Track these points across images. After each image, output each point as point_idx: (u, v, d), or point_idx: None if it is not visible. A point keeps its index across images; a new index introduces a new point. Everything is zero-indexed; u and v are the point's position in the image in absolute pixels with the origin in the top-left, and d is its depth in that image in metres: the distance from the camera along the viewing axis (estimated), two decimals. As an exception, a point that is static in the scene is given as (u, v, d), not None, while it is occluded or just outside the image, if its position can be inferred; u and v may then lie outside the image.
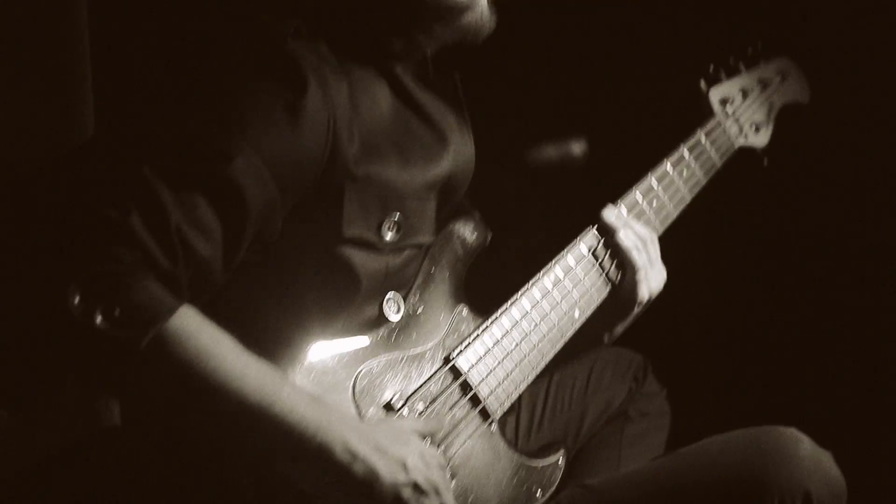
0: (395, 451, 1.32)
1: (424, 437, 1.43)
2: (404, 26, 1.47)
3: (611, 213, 1.71)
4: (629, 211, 1.75)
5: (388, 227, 1.44)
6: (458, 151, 1.54)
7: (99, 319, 1.16)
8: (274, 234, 1.36)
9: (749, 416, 1.68)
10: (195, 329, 1.22)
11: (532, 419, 1.61)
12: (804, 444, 1.52)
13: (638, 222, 1.73)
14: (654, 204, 1.80)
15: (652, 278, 1.71)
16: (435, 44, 1.51)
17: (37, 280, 1.19)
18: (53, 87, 1.45)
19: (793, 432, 1.54)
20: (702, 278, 1.80)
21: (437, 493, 1.35)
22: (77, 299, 1.16)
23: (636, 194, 1.78)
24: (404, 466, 1.32)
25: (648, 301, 1.72)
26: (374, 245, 1.43)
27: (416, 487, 1.33)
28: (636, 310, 1.72)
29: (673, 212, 1.85)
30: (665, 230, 1.82)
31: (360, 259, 1.43)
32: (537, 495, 1.59)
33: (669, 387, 1.99)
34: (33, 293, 1.19)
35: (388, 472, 1.30)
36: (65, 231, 1.22)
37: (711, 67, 2.03)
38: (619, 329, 1.75)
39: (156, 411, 1.31)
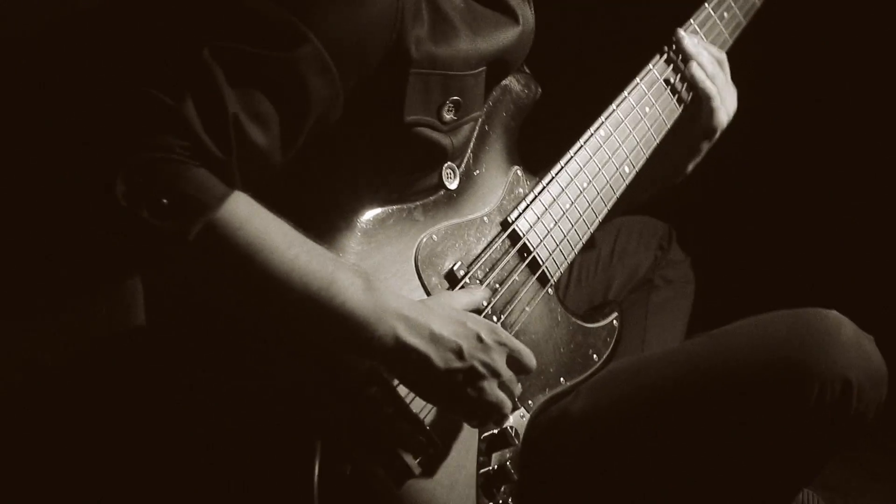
0: (450, 337, 1.26)
1: (484, 312, 1.39)
2: None
3: (686, 38, 1.66)
4: (701, 27, 1.71)
5: (447, 110, 1.36)
6: (523, 24, 1.45)
7: (146, 211, 1.09)
8: (334, 118, 1.27)
9: (775, 290, 1.64)
10: (246, 218, 1.15)
11: (557, 289, 1.56)
12: (846, 328, 1.46)
13: (709, 43, 1.69)
14: (727, 15, 1.75)
15: (728, 101, 1.67)
16: None
17: (81, 165, 1.10)
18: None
19: (835, 315, 1.47)
20: (732, 142, 1.71)
21: (497, 374, 1.30)
22: (123, 189, 1.08)
23: (708, 9, 1.73)
24: (460, 352, 1.27)
25: (726, 125, 1.68)
26: (433, 126, 1.35)
27: (473, 372, 1.28)
28: (715, 137, 1.68)
29: (743, 20, 1.80)
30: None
31: (418, 137, 1.35)
32: (594, 358, 1.56)
33: (694, 255, 1.96)
34: (78, 180, 1.10)
35: (441, 360, 1.25)
36: (113, 110, 1.12)
37: None
38: (692, 165, 1.71)
39: (184, 309, 1.26)
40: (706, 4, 1.73)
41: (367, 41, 1.25)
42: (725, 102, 1.66)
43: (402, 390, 1.31)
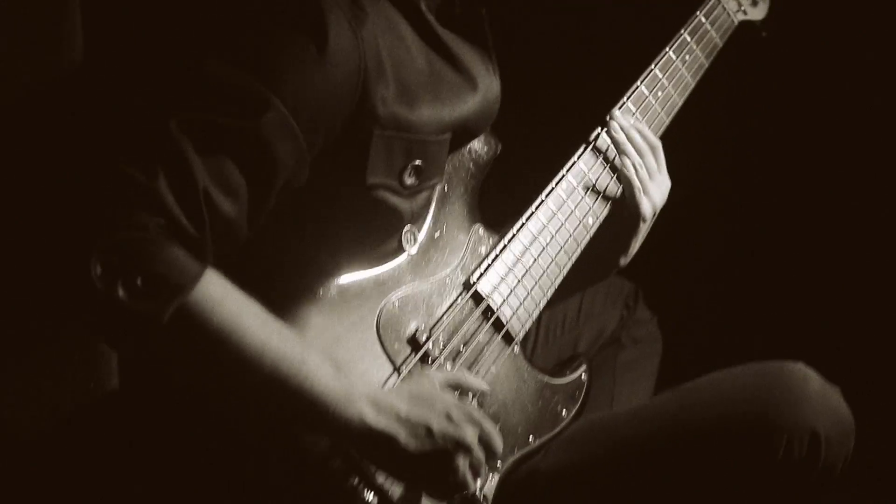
0: (418, 419, 1.25)
1: (451, 386, 1.37)
2: None
3: (615, 122, 1.61)
4: (637, 106, 1.67)
5: (409, 174, 1.35)
6: (486, 92, 1.44)
7: (121, 291, 1.08)
8: (298, 184, 1.27)
9: (742, 343, 1.64)
10: (219, 299, 1.15)
11: (524, 350, 1.55)
12: (812, 382, 1.46)
13: (642, 128, 1.63)
14: (660, 94, 1.72)
15: (653, 192, 1.61)
16: None
17: (56, 244, 1.10)
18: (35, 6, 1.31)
19: (801, 368, 1.47)
20: (694, 201, 1.71)
21: (467, 450, 1.29)
22: (99, 269, 1.07)
23: (641, 88, 1.69)
24: (429, 431, 1.26)
25: (654, 215, 1.63)
26: (394, 189, 1.35)
27: (443, 451, 1.27)
28: (642, 225, 1.62)
29: (678, 100, 1.76)
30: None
31: (380, 201, 1.35)
32: (563, 414, 1.55)
33: (660, 314, 1.97)
34: (53, 258, 1.10)
35: (411, 441, 1.24)
36: (86, 187, 1.12)
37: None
38: (634, 247, 1.65)
39: (156, 375, 1.26)
40: (639, 82, 1.69)
41: (331, 104, 1.24)
42: (650, 194, 1.60)
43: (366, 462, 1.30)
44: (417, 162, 1.36)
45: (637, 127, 1.64)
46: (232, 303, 1.16)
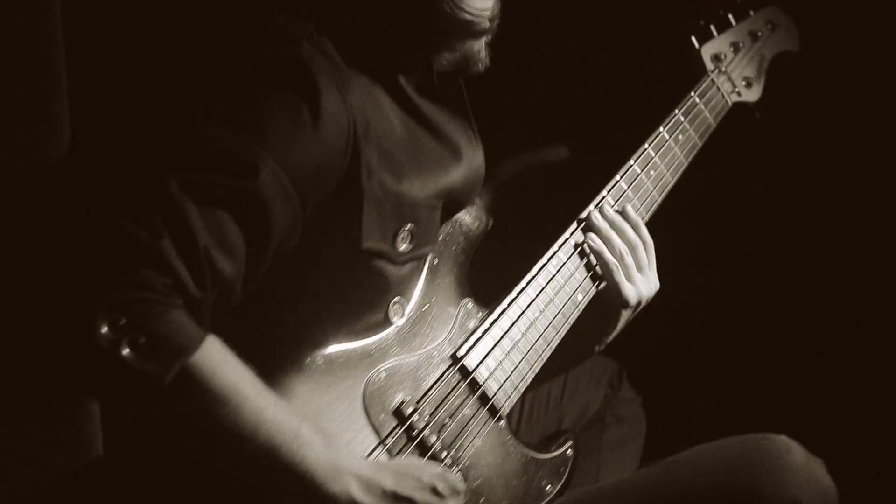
0: (404, 493, 1.28)
1: (433, 447, 1.40)
2: (421, 44, 1.39)
3: (595, 216, 1.62)
4: (629, 184, 1.69)
5: (403, 238, 1.38)
6: (469, 161, 1.47)
7: (125, 350, 1.11)
8: (290, 246, 1.30)
9: (726, 422, 1.64)
10: (219, 363, 1.18)
11: (510, 425, 1.56)
12: (795, 454, 1.47)
13: (629, 220, 1.64)
14: (653, 173, 1.74)
15: (639, 283, 1.61)
16: (443, 60, 1.43)
17: (62, 301, 1.13)
18: (23, 86, 1.34)
19: (783, 440, 1.49)
20: (677, 282, 1.72)
21: None
22: (105, 327, 1.10)
23: (634, 166, 1.72)
24: None
25: (638, 305, 1.63)
26: (388, 256, 1.37)
27: None
28: (623, 312, 1.64)
29: (671, 180, 1.78)
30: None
31: (372, 268, 1.37)
32: (548, 489, 1.55)
33: (644, 394, 1.98)
34: (59, 315, 1.13)
35: None
36: (90, 247, 1.15)
37: (702, 23, 1.95)
38: (613, 332, 1.67)
39: (141, 440, 1.28)
40: (632, 160, 1.71)
41: (324, 165, 1.28)
42: (636, 283, 1.61)
43: None
44: (409, 226, 1.38)
45: (634, 222, 1.64)
46: (231, 369, 1.19)
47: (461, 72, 1.45)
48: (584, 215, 1.64)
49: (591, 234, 1.61)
